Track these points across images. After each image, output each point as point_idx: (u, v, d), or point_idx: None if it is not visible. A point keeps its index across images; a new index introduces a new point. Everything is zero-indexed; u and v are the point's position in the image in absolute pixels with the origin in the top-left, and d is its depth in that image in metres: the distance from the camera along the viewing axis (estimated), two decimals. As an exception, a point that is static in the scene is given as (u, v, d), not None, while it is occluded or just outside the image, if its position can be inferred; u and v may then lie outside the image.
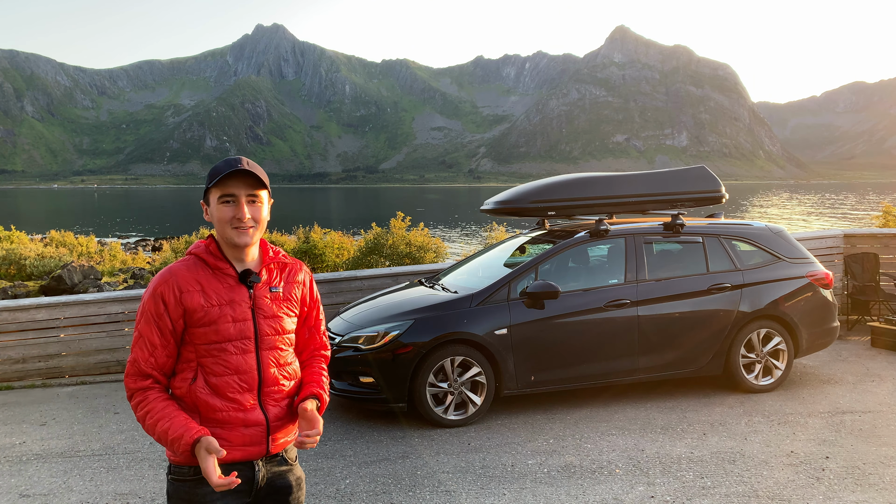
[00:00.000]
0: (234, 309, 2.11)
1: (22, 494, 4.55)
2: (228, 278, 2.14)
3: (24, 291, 14.00)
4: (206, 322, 2.08)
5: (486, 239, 15.25)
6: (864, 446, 4.85)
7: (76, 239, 20.60)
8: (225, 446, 2.07)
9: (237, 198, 2.10)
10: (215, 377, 2.09)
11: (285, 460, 2.23)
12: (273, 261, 2.24)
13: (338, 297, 8.27)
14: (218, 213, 2.11)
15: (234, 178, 2.09)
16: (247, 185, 2.11)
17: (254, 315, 2.15)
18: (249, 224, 2.11)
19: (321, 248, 14.91)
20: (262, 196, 2.16)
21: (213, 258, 2.14)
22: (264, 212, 2.17)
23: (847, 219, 55.52)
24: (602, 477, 4.45)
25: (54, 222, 46.34)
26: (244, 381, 2.11)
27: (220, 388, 2.09)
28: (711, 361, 6.15)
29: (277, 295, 2.21)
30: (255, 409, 2.13)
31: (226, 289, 2.13)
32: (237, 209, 2.10)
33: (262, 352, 2.15)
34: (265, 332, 2.16)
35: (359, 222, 41.94)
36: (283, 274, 2.26)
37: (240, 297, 2.13)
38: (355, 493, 4.36)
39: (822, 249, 9.23)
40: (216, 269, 2.14)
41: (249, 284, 2.15)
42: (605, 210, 6.49)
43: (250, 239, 2.12)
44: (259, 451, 2.14)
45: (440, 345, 5.54)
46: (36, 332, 7.73)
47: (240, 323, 2.11)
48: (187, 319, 2.08)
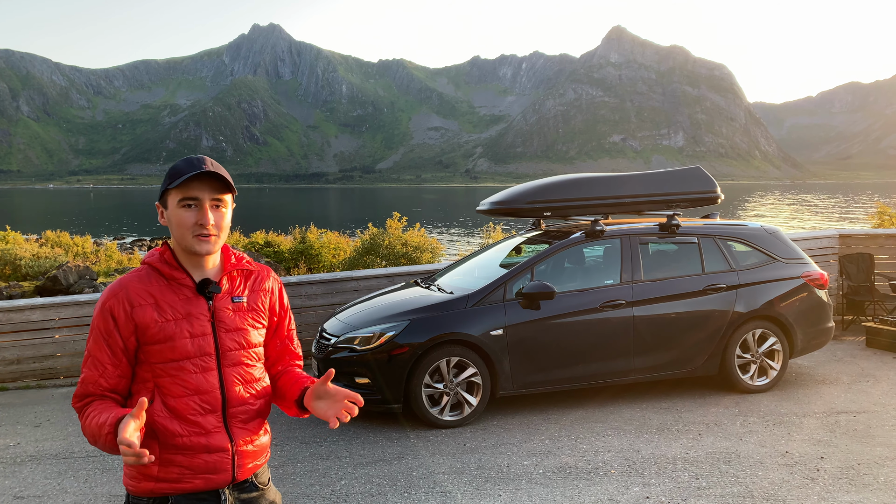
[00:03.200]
0: (191, 323, 1.92)
1: (16, 496, 4.54)
2: (185, 289, 1.94)
3: (20, 292, 13.96)
4: (160, 339, 1.89)
5: (483, 239, 15.25)
6: (858, 446, 4.86)
7: (72, 239, 20.53)
8: (186, 476, 1.91)
9: (200, 202, 1.90)
10: (174, 398, 1.90)
11: (255, 485, 2.04)
12: (235, 268, 2.03)
13: (334, 298, 8.26)
14: (178, 218, 1.90)
15: (198, 181, 1.89)
16: (212, 188, 1.91)
17: (214, 329, 1.95)
18: (213, 231, 1.91)
19: (317, 249, 14.91)
20: (226, 201, 1.96)
21: (168, 268, 1.94)
22: (228, 218, 1.98)
23: (842, 219, 55.67)
24: (597, 477, 4.45)
25: (50, 222, 46.22)
26: (206, 401, 1.92)
27: (180, 411, 1.89)
28: (707, 362, 6.16)
29: (241, 305, 2.01)
30: (220, 433, 1.94)
31: (182, 301, 1.93)
32: (200, 214, 1.90)
33: (226, 369, 1.96)
34: (228, 348, 1.96)
35: (355, 222, 41.92)
36: (248, 282, 2.06)
37: (198, 309, 1.94)
38: (350, 494, 4.35)
39: (818, 250, 9.25)
40: (171, 280, 1.94)
41: (208, 295, 1.95)
42: (600, 210, 6.49)
43: (213, 248, 1.93)
44: (224, 479, 1.95)
45: (436, 345, 5.53)
46: (31, 333, 7.71)
47: (199, 338, 1.92)
48: (140, 336, 1.89)
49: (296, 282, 8.25)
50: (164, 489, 1.91)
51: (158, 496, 1.91)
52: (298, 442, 5.34)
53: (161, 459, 1.90)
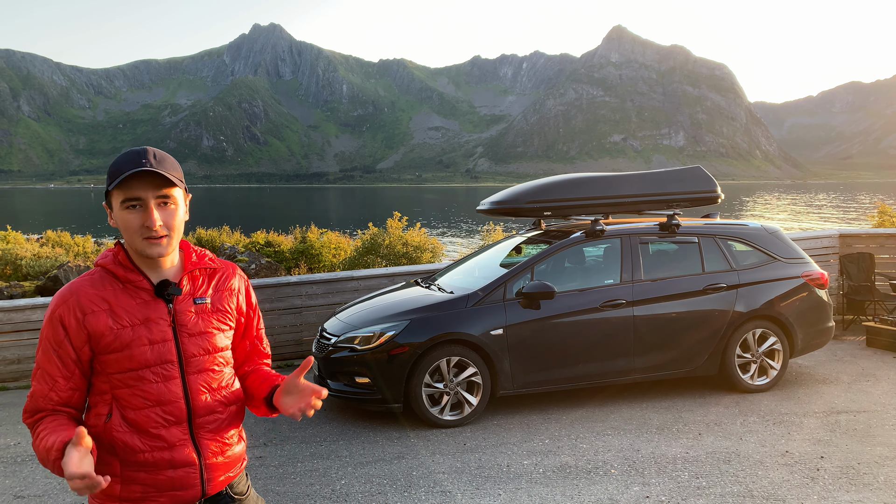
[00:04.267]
0: (149, 329, 1.77)
1: (17, 495, 4.54)
2: (142, 292, 1.80)
3: (20, 292, 13.97)
4: (116, 347, 1.74)
5: (483, 239, 15.25)
6: (859, 446, 4.86)
7: (72, 239, 20.53)
8: (151, 494, 1.78)
9: (144, 202, 1.73)
10: (133, 411, 1.76)
11: (231, 497, 1.92)
12: (197, 266, 1.88)
13: (334, 298, 8.27)
14: (123, 221, 1.74)
15: (137, 179, 1.71)
16: (155, 185, 1.73)
17: (175, 334, 1.81)
18: (162, 232, 1.75)
19: (318, 248, 14.91)
20: (175, 196, 1.78)
21: (122, 270, 1.79)
22: (180, 214, 1.80)
23: (843, 219, 55.65)
24: (597, 477, 4.45)
25: (51, 222, 46.24)
26: (169, 412, 1.78)
27: (141, 424, 1.75)
28: (707, 361, 6.16)
29: (204, 307, 1.86)
30: (185, 446, 1.80)
31: (139, 305, 1.78)
32: (145, 216, 1.73)
33: (190, 376, 1.82)
34: (191, 353, 1.82)
35: (356, 222, 41.92)
36: (212, 282, 1.92)
37: (156, 314, 1.79)
38: (350, 493, 4.36)
39: (818, 249, 9.25)
40: (126, 283, 1.79)
41: (168, 298, 1.81)
42: (600, 210, 6.49)
43: (164, 249, 1.77)
44: (193, 496, 1.82)
45: (436, 345, 5.53)
46: (31, 333, 7.71)
47: (158, 345, 1.77)
48: (94, 346, 1.75)
49: (296, 281, 8.26)
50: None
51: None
52: (299, 441, 5.35)
53: (123, 477, 1.77)
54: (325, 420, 5.86)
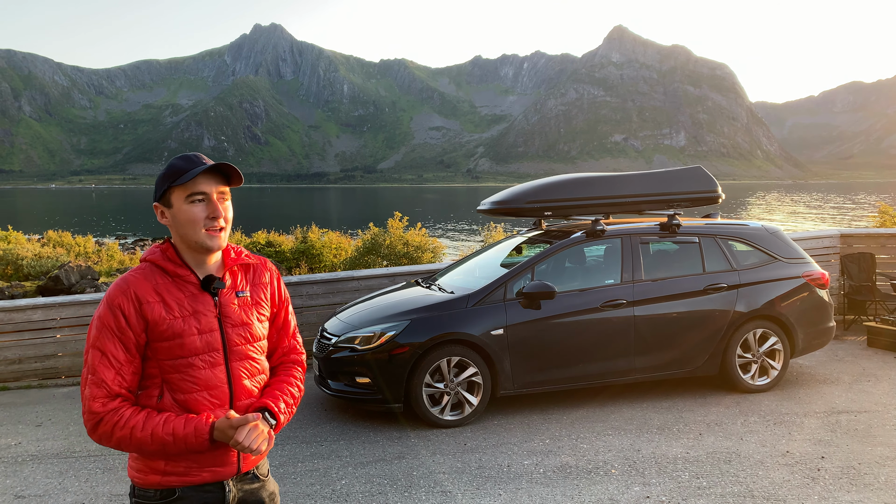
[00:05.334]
0: (199, 320, 1.94)
1: (17, 495, 4.54)
2: (190, 286, 1.96)
3: (21, 292, 13.98)
4: (169, 336, 1.90)
5: (484, 239, 15.25)
6: (859, 446, 4.85)
7: (73, 239, 20.55)
8: (193, 469, 1.94)
9: (208, 196, 1.92)
10: (183, 394, 1.92)
11: (257, 476, 2.09)
12: (236, 262, 2.05)
13: (335, 298, 8.27)
14: (187, 214, 1.91)
15: (203, 176, 1.91)
16: (216, 181, 1.94)
17: (221, 325, 1.97)
18: (221, 224, 1.94)
19: (319, 248, 14.92)
20: (229, 193, 1.99)
21: (172, 265, 1.95)
22: (231, 210, 2.01)
23: (844, 219, 55.61)
24: (598, 477, 4.45)
25: (52, 222, 46.29)
26: (215, 396, 1.94)
27: (190, 406, 1.92)
28: (708, 361, 6.15)
29: (245, 300, 2.04)
30: None
31: (188, 298, 1.94)
32: (212, 208, 1.92)
33: (233, 363, 1.98)
34: (234, 343, 1.99)
35: (356, 222, 41.91)
36: (248, 276, 2.09)
37: (204, 306, 1.95)
38: (351, 493, 4.36)
39: (819, 249, 9.24)
40: (176, 277, 1.95)
41: (214, 291, 1.97)
42: (601, 210, 6.49)
43: (222, 242, 1.96)
44: (230, 472, 1.99)
45: (436, 345, 5.53)
46: (32, 333, 7.72)
47: (206, 335, 1.94)
48: (149, 333, 1.90)
49: (297, 281, 8.26)
50: (171, 482, 1.93)
51: (165, 488, 1.93)
52: (299, 441, 5.35)
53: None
54: (326, 420, 5.86)
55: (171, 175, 1.91)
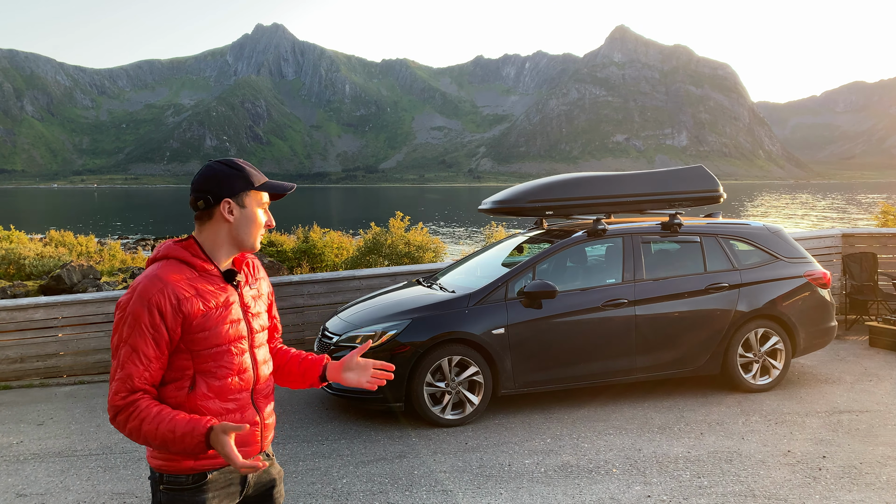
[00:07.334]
0: (229, 310, 2.08)
1: (19, 494, 4.55)
2: (216, 279, 2.09)
3: (23, 291, 14.00)
4: (206, 327, 2.02)
5: (485, 239, 15.25)
6: (861, 446, 4.85)
7: (75, 238, 20.56)
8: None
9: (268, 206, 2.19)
10: (219, 381, 2.05)
11: (268, 456, 2.24)
12: (244, 259, 2.23)
13: (336, 297, 8.27)
14: (257, 218, 2.12)
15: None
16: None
17: (243, 314, 2.13)
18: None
19: (320, 248, 14.92)
20: None
21: (199, 261, 2.07)
22: None
23: (845, 218, 55.52)
24: (599, 476, 4.45)
25: (54, 222, 46.35)
26: (244, 380, 2.10)
27: (224, 391, 2.05)
28: (709, 361, 6.15)
29: (255, 292, 2.22)
30: (250, 408, 2.12)
31: (218, 290, 2.08)
32: (269, 217, 2.18)
33: (254, 349, 2.16)
34: (255, 330, 2.17)
35: (358, 222, 41.91)
36: (252, 270, 2.26)
37: (231, 297, 2.10)
38: (352, 492, 4.36)
39: (821, 249, 9.23)
40: (203, 272, 2.07)
41: (235, 284, 2.13)
42: (602, 210, 6.49)
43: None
44: (254, 451, 2.12)
45: (438, 344, 5.54)
46: (34, 332, 7.73)
47: (236, 323, 2.09)
48: (185, 326, 2.00)
49: (298, 281, 8.27)
50: (203, 465, 2.03)
51: (198, 472, 2.02)
52: (300, 440, 5.35)
53: None
54: (327, 419, 5.86)
55: (248, 179, 2.08)
